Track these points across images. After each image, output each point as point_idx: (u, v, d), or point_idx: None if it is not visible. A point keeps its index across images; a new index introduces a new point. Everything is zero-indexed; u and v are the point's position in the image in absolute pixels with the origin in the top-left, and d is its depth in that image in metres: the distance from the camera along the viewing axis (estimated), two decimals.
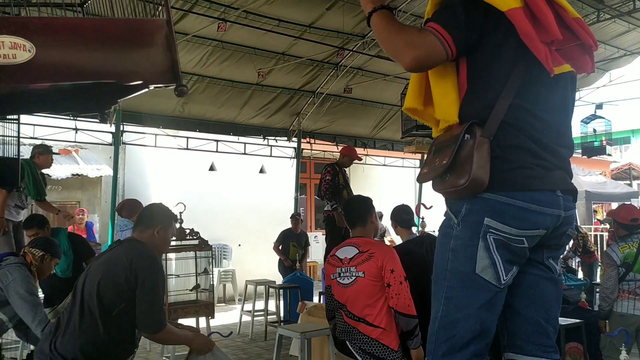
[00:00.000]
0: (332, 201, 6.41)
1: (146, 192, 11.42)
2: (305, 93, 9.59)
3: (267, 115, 9.60)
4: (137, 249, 2.55)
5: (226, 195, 11.21)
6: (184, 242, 5.18)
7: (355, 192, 16.61)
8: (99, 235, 9.64)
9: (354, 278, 3.09)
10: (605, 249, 6.22)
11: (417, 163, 12.35)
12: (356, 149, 11.19)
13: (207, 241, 5.30)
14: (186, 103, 8.59)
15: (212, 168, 11.42)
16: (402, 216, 3.90)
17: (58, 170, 10.01)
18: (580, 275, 8.49)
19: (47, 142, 9.62)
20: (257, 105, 9.27)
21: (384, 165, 12.25)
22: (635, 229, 4.02)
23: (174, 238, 5.34)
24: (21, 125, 7.00)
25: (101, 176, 10.54)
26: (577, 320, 4.66)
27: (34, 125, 7.57)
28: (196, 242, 5.18)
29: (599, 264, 8.19)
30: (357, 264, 3.09)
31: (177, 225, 5.45)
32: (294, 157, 10.32)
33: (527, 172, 1.58)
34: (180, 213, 5.67)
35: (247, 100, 9.06)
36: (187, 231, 5.17)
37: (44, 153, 5.29)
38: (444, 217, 1.74)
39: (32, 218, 4.71)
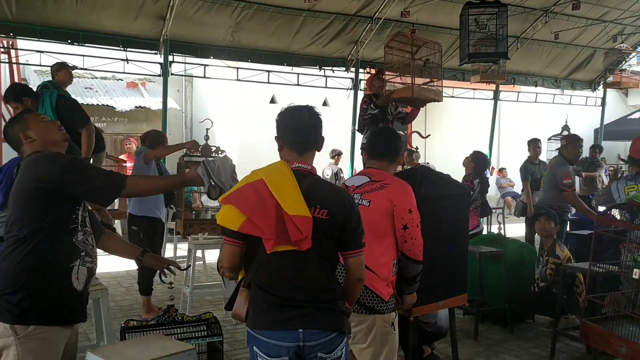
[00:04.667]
0: (366, 133, 6.03)
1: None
2: (362, 19, 9.00)
3: (323, 44, 9.17)
4: (27, 163, 2.29)
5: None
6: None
7: (415, 123, 15.99)
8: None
9: None
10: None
11: (491, 94, 11.40)
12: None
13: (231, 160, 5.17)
14: (235, 32, 8.39)
15: (272, 101, 11.31)
16: None
17: (123, 102, 10.39)
18: None
19: (96, 73, 10.00)
20: (310, 33, 8.86)
21: (452, 97, 11.43)
22: None
23: (198, 154, 5.30)
24: (69, 56, 7.25)
25: (173, 108, 10.79)
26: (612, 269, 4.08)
27: (83, 56, 7.73)
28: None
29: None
30: (363, 192, 2.67)
31: (203, 142, 5.40)
32: (351, 89, 9.87)
33: None
34: (207, 130, 5.61)
35: (299, 28, 8.67)
36: (213, 149, 5.08)
37: (61, 69, 5.29)
38: None
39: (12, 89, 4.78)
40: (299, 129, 2.20)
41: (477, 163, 5.81)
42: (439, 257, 3.08)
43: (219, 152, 4.98)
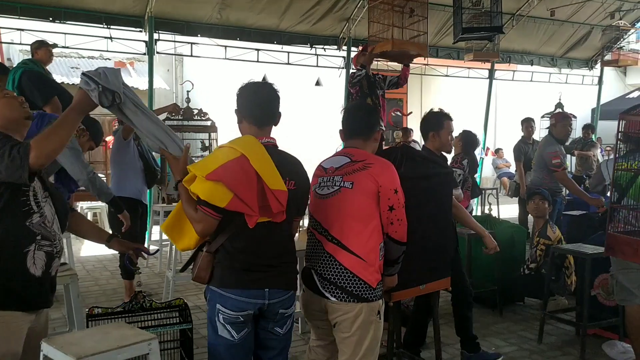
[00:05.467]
0: None
1: (202, 105, 11.41)
2: None
3: (313, 22, 8.92)
4: None
5: (280, 109, 10.91)
6: (191, 123, 4.96)
7: (411, 103, 15.85)
8: None
9: (336, 188, 2.50)
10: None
11: (486, 73, 11.19)
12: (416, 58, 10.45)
13: (214, 122, 5.02)
14: (223, 9, 8.15)
15: (264, 80, 11.10)
16: None
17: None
18: None
19: (66, 51, 9.76)
20: (300, 10, 8.60)
21: (447, 76, 11.23)
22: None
23: (180, 117, 5.14)
24: (51, 34, 7.03)
25: (154, 89, 10.56)
26: (602, 250, 3.96)
27: (65, 34, 7.51)
28: (208, 123, 4.91)
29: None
30: (344, 173, 2.51)
31: (184, 105, 5.25)
32: (343, 67, 9.67)
33: None
34: (188, 92, 5.46)
35: (288, 5, 8.41)
36: (195, 111, 4.92)
37: (40, 47, 5.11)
38: None
39: None
40: (259, 105, 2.34)
41: (466, 143, 5.66)
42: (420, 239, 2.94)
43: (202, 114, 4.83)
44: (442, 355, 3.86)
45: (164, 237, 7.40)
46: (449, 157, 5.88)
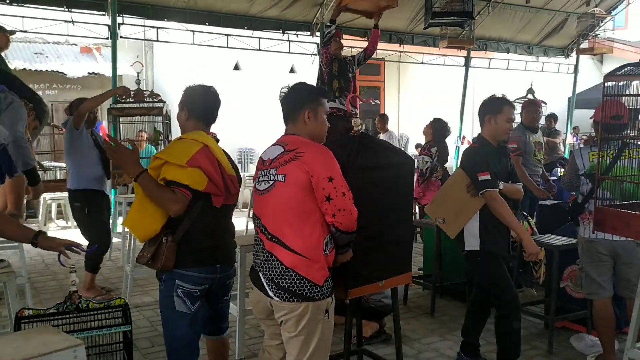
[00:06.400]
0: None
1: (172, 92, 11.11)
2: None
3: (284, 6, 8.69)
4: None
5: (252, 97, 10.69)
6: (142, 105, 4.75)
7: (389, 92, 15.69)
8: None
9: (271, 183, 2.34)
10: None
11: (462, 61, 11.06)
12: (390, 45, 10.29)
13: (168, 106, 4.81)
14: None
15: (236, 67, 10.85)
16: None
17: (75, 68, 9.81)
18: None
19: (30, 36, 9.41)
20: None
21: (422, 63, 11.08)
22: (617, 130, 3.04)
23: (130, 100, 4.94)
24: (7, 17, 6.70)
25: (121, 75, 10.23)
26: (572, 241, 3.87)
27: (23, 17, 7.17)
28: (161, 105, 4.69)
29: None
30: (278, 165, 2.33)
31: (135, 87, 5.05)
32: (316, 54, 9.45)
33: None
34: (138, 73, 5.28)
35: None
36: (147, 93, 4.71)
37: None
38: None
39: None
40: (207, 108, 2.67)
41: (437, 131, 5.54)
42: (378, 233, 2.78)
43: (154, 96, 4.61)
44: (406, 351, 3.76)
45: (127, 230, 7.18)
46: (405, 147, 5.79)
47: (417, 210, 6.04)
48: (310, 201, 2.28)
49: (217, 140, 2.62)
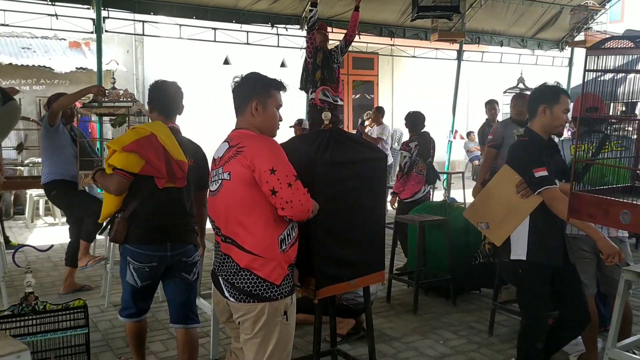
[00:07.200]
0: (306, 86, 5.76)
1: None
2: None
3: (273, 0, 8.58)
4: None
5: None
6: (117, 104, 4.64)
7: (382, 86, 15.57)
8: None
9: (219, 183, 2.27)
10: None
11: (454, 54, 10.94)
12: (382, 38, 10.17)
13: (129, 106, 4.70)
14: None
15: (226, 62, 10.72)
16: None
17: (63, 63, 9.70)
18: None
19: (17, 30, 9.27)
20: None
21: (413, 57, 10.96)
22: (595, 123, 2.93)
23: (106, 99, 4.86)
24: None
25: (110, 70, 10.11)
26: None
27: (4, 10, 7.05)
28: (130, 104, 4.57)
29: None
30: (224, 163, 2.26)
31: (110, 86, 4.96)
32: (304, 48, 9.32)
33: None
34: (113, 72, 5.18)
35: None
36: (121, 92, 4.60)
37: None
38: None
39: None
40: (165, 100, 2.95)
41: (412, 124, 5.48)
42: (348, 231, 2.69)
43: (128, 96, 4.50)
44: (385, 350, 3.68)
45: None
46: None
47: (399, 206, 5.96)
48: (258, 197, 2.18)
49: (177, 131, 2.91)
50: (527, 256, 2.90)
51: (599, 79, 2.46)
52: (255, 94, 2.30)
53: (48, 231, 7.97)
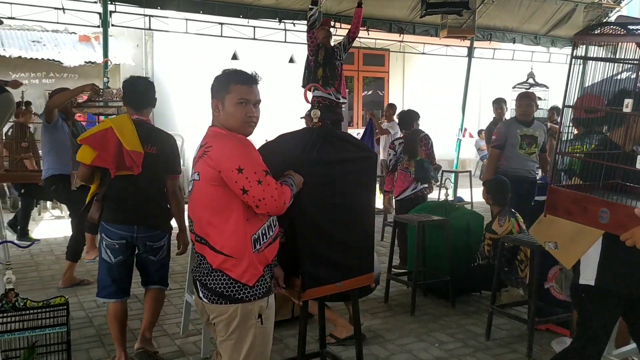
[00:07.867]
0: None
1: (171, 82, 11.00)
2: None
3: None
4: None
5: None
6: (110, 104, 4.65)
7: (393, 83, 15.47)
8: None
9: (192, 184, 2.26)
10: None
11: (465, 51, 10.79)
12: (391, 35, 10.06)
13: (118, 106, 4.70)
14: None
15: (234, 57, 10.69)
16: None
17: (72, 57, 9.74)
18: None
19: (28, 23, 9.29)
20: None
21: (423, 53, 10.83)
22: (594, 124, 2.83)
23: (100, 99, 4.89)
24: None
25: (119, 64, 10.13)
26: None
27: (11, 3, 7.07)
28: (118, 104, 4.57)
29: None
30: (195, 163, 2.25)
31: (103, 85, 5.01)
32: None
33: None
34: (107, 71, 5.25)
35: None
36: (114, 91, 4.59)
37: None
38: None
39: None
40: (135, 95, 3.28)
41: (403, 122, 5.45)
42: (336, 231, 2.63)
43: (120, 96, 4.48)
44: (378, 353, 3.61)
45: None
46: (436, 138, 5.62)
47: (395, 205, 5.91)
48: (227, 197, 2.13)
49: (143, 122, 3.20)
50: (596, 282, 2.49)
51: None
52: (213, 92, 2.27)
53: (56, 224, 8.01)
